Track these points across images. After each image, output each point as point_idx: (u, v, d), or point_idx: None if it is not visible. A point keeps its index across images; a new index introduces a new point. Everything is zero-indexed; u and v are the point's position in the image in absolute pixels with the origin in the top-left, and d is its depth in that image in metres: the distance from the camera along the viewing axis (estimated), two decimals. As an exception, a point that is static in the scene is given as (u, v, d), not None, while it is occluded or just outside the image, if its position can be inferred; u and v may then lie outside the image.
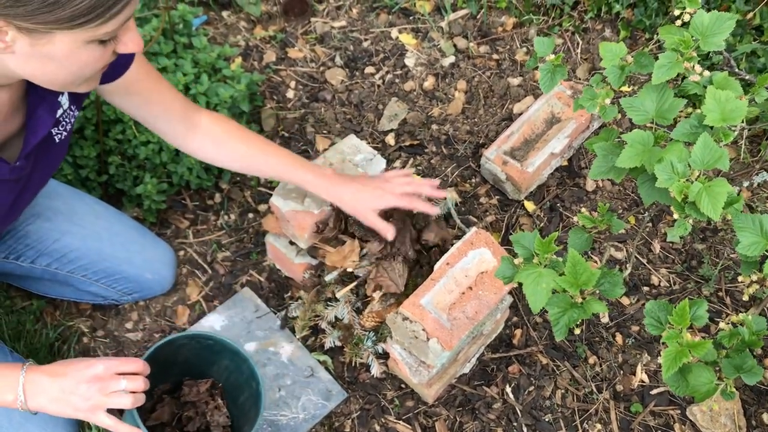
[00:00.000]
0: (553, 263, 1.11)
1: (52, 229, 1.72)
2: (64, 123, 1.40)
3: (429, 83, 2.27)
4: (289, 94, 2.26)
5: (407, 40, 2.37)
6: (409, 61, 2.32)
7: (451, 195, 2.03)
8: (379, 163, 1.80)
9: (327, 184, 1.63)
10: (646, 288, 1.92)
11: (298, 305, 1.82)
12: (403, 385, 1.78)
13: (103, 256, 1.76)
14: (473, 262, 1.62)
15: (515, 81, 2.27)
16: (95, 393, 1.33)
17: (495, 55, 2.33)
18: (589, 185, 2.08)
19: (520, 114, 2.15)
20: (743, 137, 2.04)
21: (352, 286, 1.72)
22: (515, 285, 1.22)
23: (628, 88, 1.18)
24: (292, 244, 1.83)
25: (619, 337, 1.85)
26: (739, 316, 1.13)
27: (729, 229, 1.99)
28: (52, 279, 1.77)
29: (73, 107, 1.41)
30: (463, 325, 1.55)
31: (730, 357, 1.10)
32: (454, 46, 2.35)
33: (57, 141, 1.41)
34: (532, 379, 1.79)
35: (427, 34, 2.38)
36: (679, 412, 1.76)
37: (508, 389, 1.78)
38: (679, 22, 1.15)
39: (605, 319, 1.86)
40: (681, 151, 1.06)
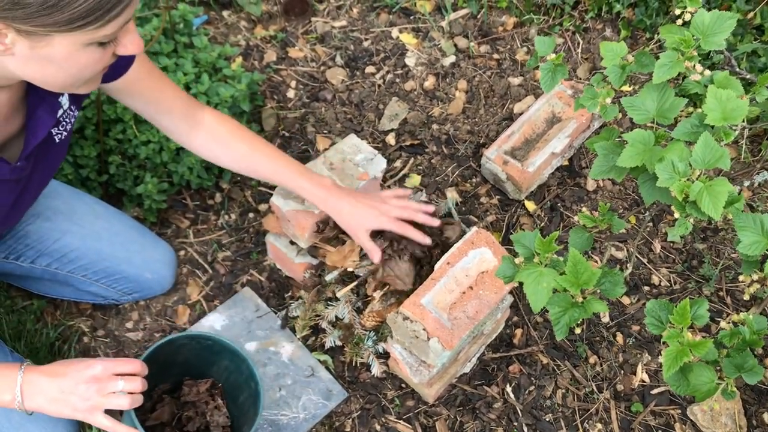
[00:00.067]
0: (553, 263, 1.10)
1: (52, 228, 1.72)
2: (65, 123, 1.40)
3: (429, 83, 2.27)
4: (290, 94, 2.26)
5: (408, 39, 2.36)
6: (409, 60, 2.32)
7: (451, 195, 2.03)
8: (380, 163, 1.80)
9: (325, 195, 1.63)
10: (647, 288, 1.92)
11: (298, 305, 1.82)
12: (403, 385, 1.78)
13: (103, 256, 1.76)
14: (474, 262, 1.62)
15: (516, 81, 2.27)
16: (93, 394, 1.33)
17: (495, 55, 2.33)
18: (590, 185, 2.08)
19: (521, 114, 2.14)
20: (744, 137, 2.05)
21: (352, 285, 1.72)
22: (516, 284, 1.22)
23: (628, 88, 1.18)
24: (292, 243, 1.83)
25: (619, 337, 1.85)
26: (740, 316, 1.13)
27: (730, 228, 1.99)
28: (52, 279, 1.77)
29: (73, 107, 1.41)
30: (464, 325, 1.55)
31: (731, 356, 1.10)
32: (455, 45, 2.35)
33: (57, 141, 1.41)
34: (532, 378, 1.79)
35: (427, 34, 2.38)
36: (679, 411, 1.75)
37: (509, 389, 1.77)
38: (679, 22, 1.15)
39: (606, 318, 1.86)
40: (682, 150, 1.06)
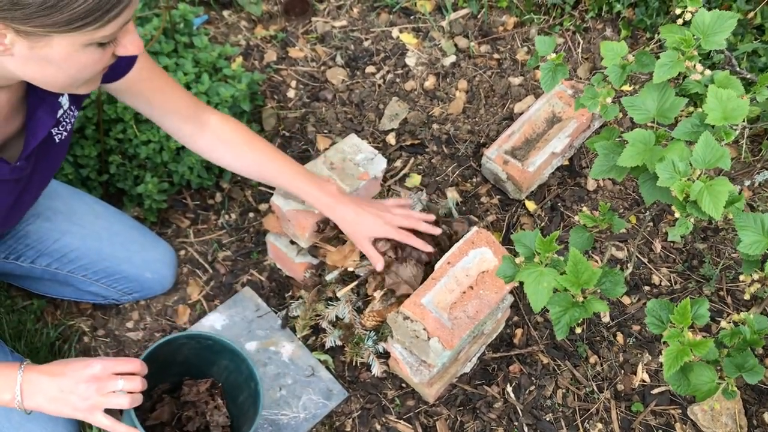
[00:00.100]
0: (554, 262, 1.10)
1: (52, 229, 1.72)
2: (65, 123, 1.40)
3: (430, 83, 2.27)
4: (290, 94, 2.25)
5: (408, 39, 2.36)
6: (409, 60, 2.32)
7: (451, 194, 2.03)
8: (380, 163, 1.80)
9: (333, 203, 1.64)
10: (647, 287, 1.92)
11: (298, 304, 1.82)
12: (403, 385, 1.78)
13: (103, 256, 1.76)
14: (474, 262, 1.62)
15: (516, 80, 2.27)
16: (93, 393, 1.33)
17: (496, 55, 2.33)
18: (590, 184, 2.08)
19: (521, 113, 2.14)
20: (744, 136, 2.05)
21: (353, 285, 1.72)
22: (516, 284, 1.22)
23: (629, 87, 1.18)
24: (292, 243, 1.83)
25: (620, 337, 1.85)
26: (741, 315, 1.12)
27: (730, 228, 1.99)
28: (53, 279, 1.77)
29: (73, 107, 1.41)
30: (464, 325, 1.55)
31: (732, 356, 1.10)
32: (455, 45, 2.35)
33: (57, 141, 1.41)
34: (533, 378, 1.79)
35: (427, 34, 2.38)
36: (680, 411, 1.75)
37: (509, 389, 1.77)
38: (680, 21, 1.15)
39: (606, 318, 1.86)
40: (682, 150, 1.06)
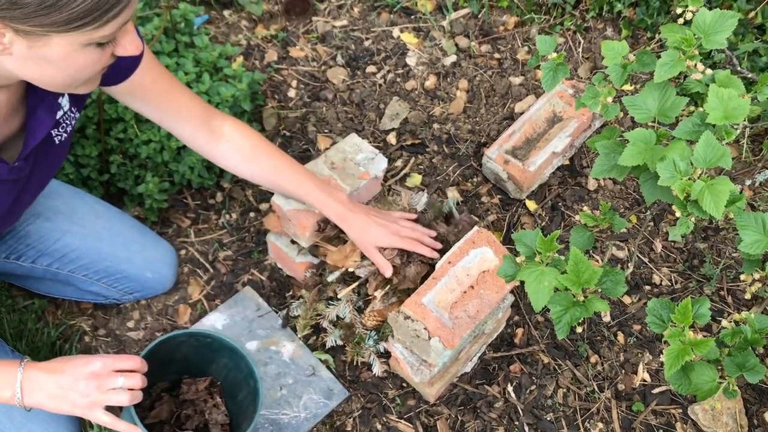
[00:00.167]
0: (555, 262, 1.10)
1: (53, 228, 1.72)
2: (65, 125, 1.40)
3: (430, 82, 2.27)
4: (291, 93, 2.25)
5: (409, 39, 2.36)
6: (410, 60, 2.32)
7: (452, 194, 2.03)
8: (381, 162, 1.80)
9: (344, 211, 1.65)
10: (648, 287, 1.92)
11: (299, 304, 1.82)
12: (404, 384, 1.78)
13: (104, 256, 1.76)
14: (475, 261, 1.62)
15: (517, 80, 2.27)
16: (93, 390, 1.33)
17: (496, 54, 2.33)
18: (591, 184, 2.08)
19: (522, 113, 2.14)
20: (745, 136, 2.05)
21: (354, 285, 1.72)
22: (517, 284, 1.22)
23: (630, 87, 1.18)
24: (293, 243, 1.83)
25: (620, 336, 1.85)
26: (742, 315, 1.12)
27: (731, 228, 1.99)
28: (54, 279, 1.77)
29: (74, 109, 1.41)
30: (465, 324, 1.55)
31: (733, 355, 1.10)
32: (456, 45, 2.35)
33: (57, 142, 1.40)
34: (533, 378, 1.79)
35: (428, 34, 2.38)
36: (680, 411, 1.75)
37: (510, 388, 1.77)
38: (681, 21, 1.15)
39: (607, 318, 1.86)
40: (683, 149, 1.06)
